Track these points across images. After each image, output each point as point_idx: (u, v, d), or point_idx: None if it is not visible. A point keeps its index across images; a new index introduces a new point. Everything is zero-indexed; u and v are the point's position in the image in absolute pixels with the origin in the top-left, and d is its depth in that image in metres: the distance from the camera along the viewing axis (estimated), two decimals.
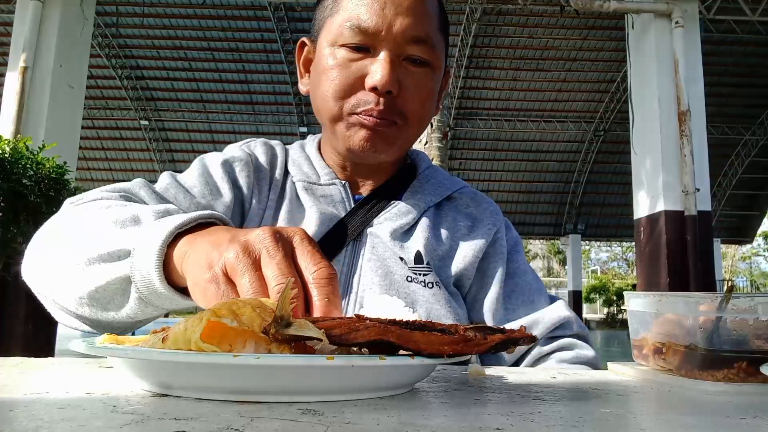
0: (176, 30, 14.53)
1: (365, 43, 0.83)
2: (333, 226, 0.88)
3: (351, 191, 0.94)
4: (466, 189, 1.02)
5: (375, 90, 0.82)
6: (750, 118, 16.80)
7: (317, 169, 0.96)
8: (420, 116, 0.88)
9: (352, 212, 0.91)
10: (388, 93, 0.83)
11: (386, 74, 0.81)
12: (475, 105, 16.72)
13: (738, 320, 0.50)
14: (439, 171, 1.03)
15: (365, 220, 0.90)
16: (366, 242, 0.89)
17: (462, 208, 0.98)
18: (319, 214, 0.89)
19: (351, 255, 0.88)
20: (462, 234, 0.94)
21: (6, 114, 6.41)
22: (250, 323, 0.42)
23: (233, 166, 0.92)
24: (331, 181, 0.94)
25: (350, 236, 0.88)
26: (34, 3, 6.67)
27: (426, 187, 0.97)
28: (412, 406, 0.39)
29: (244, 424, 0.32)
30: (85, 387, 0.43)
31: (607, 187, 18.86)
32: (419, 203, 0.94)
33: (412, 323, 0.44)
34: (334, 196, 0.93)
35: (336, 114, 0.85)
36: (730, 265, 38.27)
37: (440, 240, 0.92)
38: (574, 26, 13.92)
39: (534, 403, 0.42)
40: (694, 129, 6.74)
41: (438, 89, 0.92)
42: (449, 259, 0.91)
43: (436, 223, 0.94)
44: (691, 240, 6.58)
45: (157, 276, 0.58)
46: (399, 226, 0.90)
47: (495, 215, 0.98)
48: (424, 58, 0.86)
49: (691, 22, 7.11)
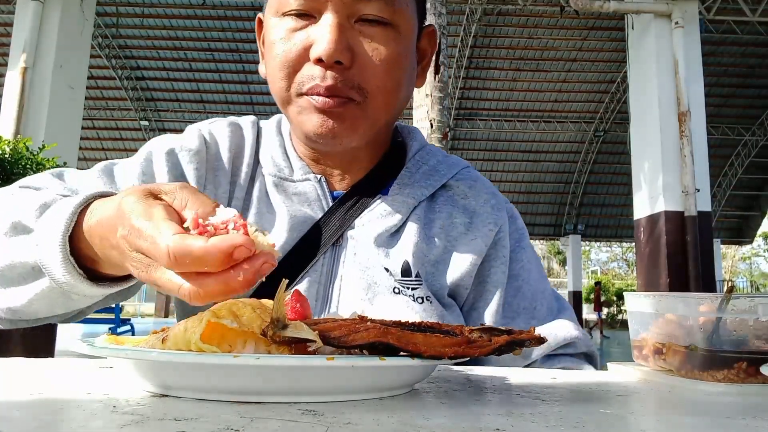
0: (176, 30, 14.52)
1: (308, 7, 0.70)
2: (308, 230, 0.78)
3: (328, 187, 0.81)
4: (464, 173, 0.88)
5: (321, 62, 0.69)
6: (750, 118, 16.78)
7: (291, 160, 0.83)
8: (385, 88, 0.73)
9: (329, 213, 0.79)
10: (338, 64, 0.69)
11: (331, 40, 0.68)
12: (475, 105, 16.71)
13: (738, 321, 0.50)
14: (434, 153, 0.89)
15: (345, 221, 0.79)
16: (347, 247, 0.78)
17: (459, 199, 0.85)
18: (289, 217, 0.78)
19: (330, 262, 0.77)
20: (459, 233, 0.82)
21: (6, 114, 6.41)
22: (250, 324, 0.42)
23: (179, 156, 0.79)
24: (305, 176, 0.81)
25: (327, 242, 0.77)
26: (34, 3, 6.67)
27: (417, 176, 0.84)
28: (412, 407, 0.39)
29: (244, 425, 0.32)
30: (85, 387, 0.43)
31: (607, 187, 18.85)
32: (408, 199, 0.81)
33: (417, 324, 0.44)
34: (308, 194, 0.80)
35: (285, 96, 0.73)
36: (730, 265, 38.24)
37: (432, 242, 0.81)
38: (574, 26, 13.91)
39: (534, 403, 0.42)
40: (693, 129, 6.75)
41: (409, 55, 0.77)
42: (443, 265, 0.80)
43: (428, 222, 0.82)
44: (691, 240, 6.58)
45: (79, 280, 0.54)
46: (384, 229, 0.79)
47: (497, 210, 0.85)
48: (382, 17, 0.71)
49: (691, 22, 7.11)
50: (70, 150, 6.80)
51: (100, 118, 16.75)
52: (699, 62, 7.04)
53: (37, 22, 6.68)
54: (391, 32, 0.73)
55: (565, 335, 0.79)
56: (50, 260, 0.54)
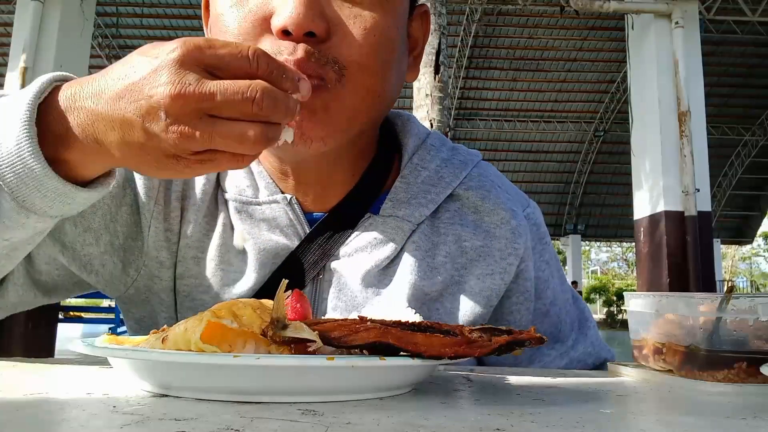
0: (176, 30, 14.51)
1: None
2: (281, 264, 0.63)
3: (300, 209, 0.65)
4: (474, 177, 0.71)
5: (286, 34, 0.53)
6: (750, 118, 16.80)
7: (255, 177, 0.66)
8: (369, 67, 0.57)
9: (306, 240, 0.64)
10: (310, 36, 0.53)
11: (300, 3, 0.52)
12: (475, 105, 16.72)
13: (738, 321, 0.50)
14: (436, 148, 0.72)
15: (326, 250, 0.64)
16: (331, 280, 0.64)
17: (469, 213, 0.68)
18: (257, 250, 0.63)
19: (310, 299, 0.64)
20: (469, 260, 0.66)
21: None
22: (250, 324, 0.42)
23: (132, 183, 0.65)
24: (272, 197, 0.65)
25: (307, 276, 0.63)
26: (34, 3, 6.67)
27: (414, 189, 0.67)
28: (412, 406, 0.39)
29: (244, 425, 0.32)
30: (85, 387, 0.43)
31: (607, 187, 18.86)
32: (403, 224, 0.64)
33: (417, 324, 0.44)
34: (278, 219, 0.64)
35: None
36: (730, 265, 38.26)
37: (436, 274, 0.65)
38: (574, 26, 13.92)
39: (534, 403, 0.42)
40: (694, 129, 6.75)
41: (398, 35, 0.61)
42: (449, 302, 0.65)
43: (430, 248, 0.66)
44: (691, 240, 6.58)
45: (32, 155, 0.42)
46: (374, 264, 0.63)
47: (518, 236, 0.67)
48: None
49: (691, 22, 7.11)
50: None
51: None
52: (699, 62, 7.04)
53: (37, 22, 6.68)
54: (378, 3, 0.57)
55: (593, 361, 0.76)
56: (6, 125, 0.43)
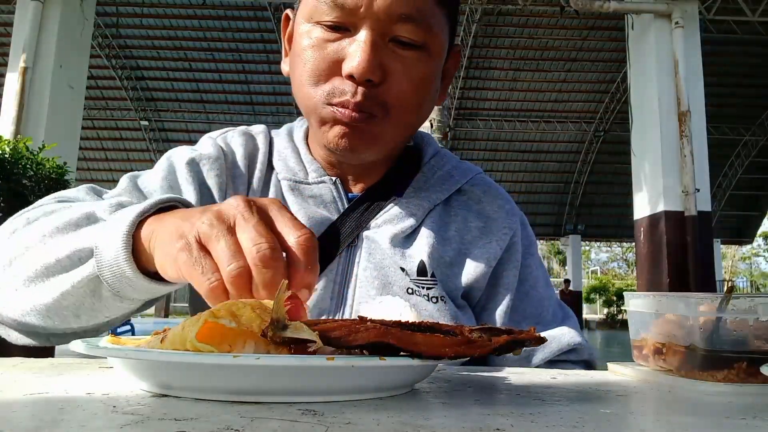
0: (176, 30, 14.52)
1: (343, 20, 0.70)
2: (324, 231, 0.79)
3: (344, 189, 0.83)
4: (478, 179, 0.90)
5: (352, 78, 0.70)
6: (750, 118, 16.78)
7: (305, 164, 0.85)
8: (410, 107, 0.75)
9: (345, 214, 0.81)
10: (369, 82, 0.70)
11: (365, 59, 0.68)
12: (475, 105, 16.71)
13: (738, 321, 0.50)
14: (448, 158, 0.91)
15: (361, 222, 0.80)
16: (362, 247, 0.79)
17: (473, 204, 0.87)
18: (307, 218, 0.79)
19: (345, 262, 0.79)
20: (473, 236, 0.84)
21: (6, 114, 6.42)
22: (249, 324, 0.42)
23: (200, 165, 0.81)
24: (320, 178, 0.83)
25: (344, 242, 0.79)
26: (34, 3, 6.67)
27: (432, 181, 0.86)
28: (412, 406, 0.39)
29: (244, 425, 0.32)
30: (85, 387, 0.43)
31: (607, 187, 18.84)
32: (423, 203, 0.83)
33: (417, 324, 0.44)
34: (324, 196, 0.82)
35: (310, 103, 0.74)
36: (730, 265, 38.26)
37: (448, 244, 0.82)
38: (574, 26, 13.91)
39: (534, 403, 0.42)
40: (694, 129, 6.75)
41: (436, 76, 0.78)
42: (458, 267, 0.82)
43: (444, 225, 0.84)
44: (691, 240, 6.58)
45: (126, 262, 0.54)
46: (400, 230, 0.80)
47: (511, 215, 0.87)
48: (415, 40, 0.71)
49: (691, 22, 7.11)
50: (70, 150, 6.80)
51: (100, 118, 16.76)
52: (699, 62, 7.04)
53: (37, 22, 6.68)
54: (424, 55, 0.73)
55: (569, 341, 0.81)
56: (110, 237, 0.55)
